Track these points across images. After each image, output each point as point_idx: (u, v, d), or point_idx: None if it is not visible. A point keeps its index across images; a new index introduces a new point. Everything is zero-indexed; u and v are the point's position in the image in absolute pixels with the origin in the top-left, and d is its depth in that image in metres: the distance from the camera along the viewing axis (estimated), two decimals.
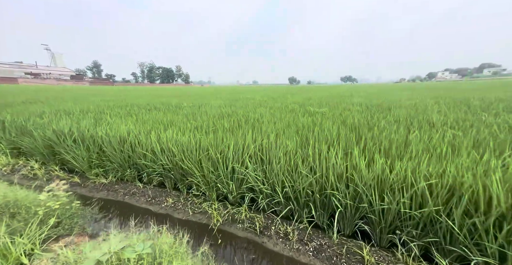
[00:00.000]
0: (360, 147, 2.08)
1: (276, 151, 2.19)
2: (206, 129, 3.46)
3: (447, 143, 1.98)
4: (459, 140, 2.05)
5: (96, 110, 5.61)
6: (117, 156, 2.89)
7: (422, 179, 1.30)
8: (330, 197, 1.69)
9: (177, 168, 2.64)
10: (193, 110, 5.74)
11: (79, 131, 3.29)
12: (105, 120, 4.14)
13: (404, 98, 7.86)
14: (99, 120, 4.18)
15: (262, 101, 8.51)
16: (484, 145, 1.92)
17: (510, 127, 2.58)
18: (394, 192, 1.37)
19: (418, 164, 1.50)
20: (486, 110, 4.17)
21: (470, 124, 2.87)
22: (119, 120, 4.11)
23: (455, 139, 2.15)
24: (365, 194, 1.47)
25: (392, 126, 2.84)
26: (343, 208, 1.60)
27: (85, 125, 3.57)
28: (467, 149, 1.82)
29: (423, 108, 4.57)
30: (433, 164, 1.44)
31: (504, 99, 6.22)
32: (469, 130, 2.44)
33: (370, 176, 1.53)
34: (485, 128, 2.54)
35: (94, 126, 3.55)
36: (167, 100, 8.99)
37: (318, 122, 3.51)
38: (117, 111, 5.41)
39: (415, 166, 1.46)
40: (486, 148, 1.87)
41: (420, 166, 1.44)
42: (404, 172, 1.42)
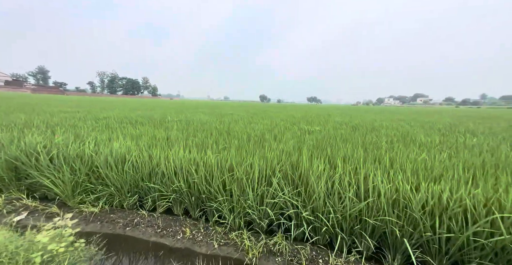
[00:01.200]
0: (391, 169, 2.17)
1: (312, 172, 2.13)
2: (212, 146, 3.23)
3: (461, 164, 2.22)
4: (467, 161, 2.34)
5: (64, 124, 4.78)
6: (116, 178, 2.43)
7: (481, 205, 1.37)
8: (379, 224, 1.65)
9: (194, 192, 2.34)
10: (183, 125, 5.37)
11: (58, 149, 2.71)
12: (86, 135, 3.54)
13: (377, 119, 8.82)
14: (78, 135, 3.55)
15: (247, 117, 8.52)
16: (501, 167, 2.17)
17: (491, 148, 3.09)
18: (457, 219, 1.40)
19: (459, 187, 1.62)
20: (454, 132, 4.94)
21: (455, 146, 3.33)
22: (102, 135, 3.55)
23: (459, 160, 2.42)
24: (422, 220, 1.47)
25: (397, 147, 3.10)
26: (397, 236, 1.57)
27: (63, 142, 2.97)
28: (488, 171, 2.03)
29: (405, 130, 5.16)
30: (479, 187, 1.57)
31: (455, 123, 7.50)
32: (461, 152, 2.82)
33: (418, 200, 1.56)
34: (474, 150, 2.97)
35: (76, 142, 2.98)
36: (145, 114, 8.29)
37: (326, 141, 3.61)
38: (93, 125, 4.70)
39: (460, 190, 1.56)
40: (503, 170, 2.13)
41: (466, 190, 1.54)
42: (459, 196, 1.49)
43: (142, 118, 6.33)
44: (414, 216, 1.49)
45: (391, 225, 1.56)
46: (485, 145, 3.31)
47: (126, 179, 2.45)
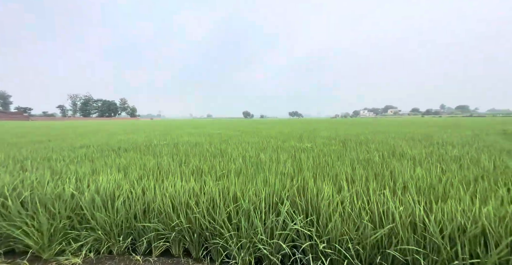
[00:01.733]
0: (396, 188, 2.20)
1: (322, 197, 2.07)
2: (209, 172, 3.07)
3: (456, 179, 2.33)
4: (460, 175, 2.47)
5: (36, 157, 4.27)
6: (105, 219, 2.14)
7: (497, 224, 1.39)
8: (398, 254, 1.60)
9: (196, 228, 2.12)
10: (172, 149, 5.12)
11: (32, 190, 2.36)
12: (64, 169, 3.17)
13: (359, 132, 9.26)
14: (54, 170, 3.17)
15: (236, 136, 8.44)
16: (493, 179, 2.31)
17: (472, 158, 3.33)
18: (478, 242, 1.40)
19: (468, 205, 1.66)
20: (433, 144, 5.31)
21: (442, 158, 3.54)
22: (83, 168, 3.21)
23: (454, 175, 2.55)
24: (443, 246, 1.45)
25: (391, 162, 3.20)
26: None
27: (36, 180, 2.61)
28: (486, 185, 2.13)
29: (390, 143, 5.44)
30: (489, 204, 1.62)
31: (429, 134, 8.11)
32: (450, 165, 3.00)
33: (437, 223, 1.56)
34: (461, 162, 3.17)
35: (54, 180, 2.64)
36: (128, 138, 7.83)
37: (322, 159, 3.63)
38: (70, 156, 4.26)
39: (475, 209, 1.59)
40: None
41: (476, 208, 1.57)
42: (473, 215, 1.52)
43: (125, 144, 5.94)
44: (434, 242, 1.47)
45: (414, 253, 1.51)
46: (467, 156, 3.57)
47: (116, 220, 2.17)
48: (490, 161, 3.13)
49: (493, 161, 3.11)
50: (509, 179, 2.37)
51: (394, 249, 1.59)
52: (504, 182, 2.28)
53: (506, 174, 2.58)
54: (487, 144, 5.15)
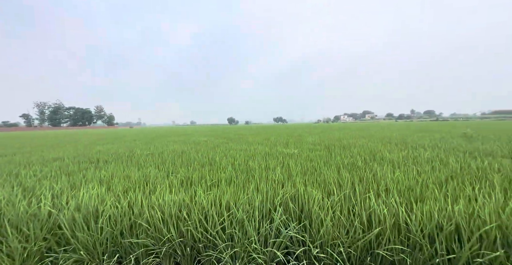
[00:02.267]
0: (379, 191, 2.35)
1: (313, 203, 2.14)
2: (199, 182, 3.03)
3: (430, 180, 2.56)
4: (433, 176, 2.71)
5: (1, 173, 3.86)
6: (87, 238, 1.99)
7: (468, 221, 1.57)
8: (386, 253, 1.71)
9: (188, 241, 2.07)
10: (157, 159, 4.94)
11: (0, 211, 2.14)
12: (38, 186, 2.91)
13: (342, 137, 9.71)
14: (25, 187, 2.90)
15: (223, 144, 8.38)
16: (461, 179, 2.57)
17: (442, 160, 3.68)
18: (453, 239, 1.54)
19: (442, 205, 1.84)
20: (407, 147, 5.75)
21: (417, 160, 3.86)
22: (59, 183, 2.98)
23: (428, 176, 2.79)
24: (424, 244, 1.57)
25: (373, 166, 3.42)
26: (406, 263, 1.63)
27: (4, 199, 2.37)
28: (455, 185, 2.38)
29: (370, 147, 5.78)
30: (459, 203, 1.81)
31: (403, 138, 8.76)
32: (425, 166, 3.28)
33: (417, 223, 1.70)
34: (433, 164, 3.48)
35: (26, 198, 2.42)
36: (107, 149, 7.39)
37: (310, 165, 3.76)
38: (43, 171, 3.92)
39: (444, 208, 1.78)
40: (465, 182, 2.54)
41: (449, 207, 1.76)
42: (448, 214, 1.68)
43: (105, 155, 5.60)
44: (417, 240, 1.60)
45: (399, 253, 1.62)
46: (437, 158, 3.94)
47: (100, 238, 2.03)
48: (457, 162, 3.48)
49: (459, 162, 3.46)
50: (473, 178, 2.66)
51: (382, 249, 1.69)
52: (469, 181, 2.56)
53: (470, 174, 2.89)
54: (452, 146, 5.71)
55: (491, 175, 2.79)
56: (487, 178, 2.73)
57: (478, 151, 4.71)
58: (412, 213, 1.79)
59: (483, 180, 2.64)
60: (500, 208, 1.72)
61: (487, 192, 2.23)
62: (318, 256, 1.86)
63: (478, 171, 3.06)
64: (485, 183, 2.53)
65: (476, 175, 2.85)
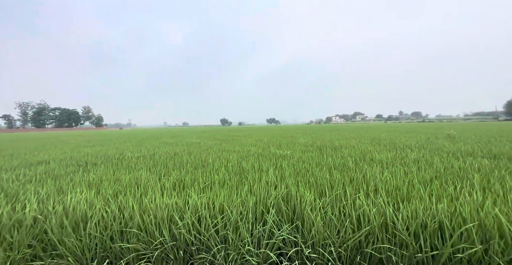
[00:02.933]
0: (368, 191, 2.43)
1: (305, 204, 2.19)
2: (192, 185, 3.01)
3: (416, 180, 2.67)
4: (419, 176, 2.83)
5: None
6: (75, 244, 1.94)
7: (450, 219, 1.66)
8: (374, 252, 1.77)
9: (180, 244, 2.05)
10: (148, 162, 4.86)
11: None
12: (22, 191, 2.79)
13: (333, 138, 9.90)
14: (7, 192, 2.77)
15: (216, 145, 8.34)
16: (444, 179, 2.70)
17: (427, 161, 3.84)
18: (436, 236, 1.63)
19: (426, 204, 1.94)
20: (395, 148, 5.95)
21: (404, 161, 4.01)
22: (44, 188, 2.87)
23: (413, 176, 2.91)
24: (410, 242, 1.65)
25: (363, 166, 3.52)
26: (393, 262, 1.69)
27: None
28: (439, 185, 2.49)
29: (361, 148, 5.93)
30: (443, 202, 1.90)
31: (392, 139, 9.04)
32: (411, 167, 3.42)
33: (403, 222, 1.78)
34: (419, 164, 3.63)
35: (9, 204, 2.32)
36: (96, 151, 7.18)
37: (302, 166, 3.82)
38: (27, 175, 3.76)
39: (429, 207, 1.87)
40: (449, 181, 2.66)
41: (433, 206, 1.85)
42: (431, 213, 1.77)
43: (94, 158, 5.44)
44: (403, 238, 1.67)
45: (387, 251, 1.69)
46: (423, 158, 4.11)
47: (89, 243, 1.98)
48: (441, 162, 3.65)
49: (443, 162, 3.63)
50: (455, 178, 2.80)
51: (371, 248, 1.76)
52: (452, 180, 2.69)
53: (453, 173, 3.04)
54: (437, 146, 5.96)
55: (471, 175, 2.95)
56: (468, 177, 2.88)
57: (461, 152, 4.95)
58: (399, 212, 1.86)
59: (464, 180, 2.78)
60: (479, 206, 1.82)
61: (467, 191, 2.36)
62: (310, 256, 1.90)
63: (460, 170, 3.23)
64: (466, 182, 2.67)
65: (458, 175, 3.00)
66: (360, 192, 2.37)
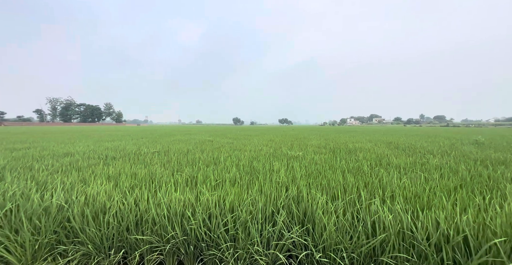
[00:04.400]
0: (385, 197, 2.32)
1: (317, 207, 2.14)
2: (204, 181, 3.06)
3: (438, 188, 2.50)
4: (441, 183, 2.65)
5: (16, 166, 4.02)
6: (95, 232, 2.05)
7: (476, 232, 1.53)
8: (391, 261, 1.68)
9: (191, 240, 2.10)
10: (163, 158, 5.02)
11: (15, 202, 2.23)
12: (50, 180, 3.01)
13: (348, 141, 9.59)
14: (38, 181, 3.01)
15: (228, 144, 8.43)
16: (470, 188, 2.51)
17: (451, 168, 3.59)
18: (461, 249, 1.51)
19: (451, 214, 1.81)
20: (415, 153, 5.63)
21: (425, 167, 3.78)
22: (70, 178, 3.08)
23: (436, 183, 2.73)
24: (430, 254, 1.54)
25: (379, 171, 3.37)
26: None
27: (18, 190, 2.47)
28: (464, 194, 2.32)
29: (377, 152, 5.69)
30: (468, 213, 1.77)
31: (411, 143, 8.57)
32: (433, 173, 3.21)
33: (423, 231, 1.67)
34: (442, 171, 3.40)
35: (39, 191, 2.51)
36: (115, 145, 7.56)
37: (314, 168, 3.74)
38: (54, 165, 4.05)
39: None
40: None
41: (457, 216, 1.72)
42: (455, 224, 1.65)
43: (113, 152, 5.74)
44: (422, 250, 1.57)
45: (406, 262, 1.60)
46: (446, 165, 3.84)
47: (107, 233, 2.09)
48: (467, 170, 3.39)
49: (469, 170, 3.36)
50: (483, 187, 2.59)
51: (387, 256, 1.67)
52: (479, 190, 2.48)
53: (481, 183, 2.81)
54: (463, 153, 5.55)
55: (503, 185, 2.70)
56: (499, 187, 2.65)
57: (490, 159, 4.56)
58: (418, 221, 1.76)
59: (494, 190, 2.56)
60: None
61: (498, 202, 2.17)
62: (321, 261, 1.86)
63: (490, 180, 2.97)
64: (496, 193, 2.45)
65: (487, 184, 2.77)
66: (376, 198, 2.27)
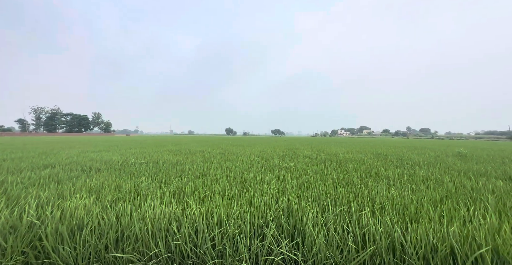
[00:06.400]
0: (374, 209, 2.32)
1: (307, 219, 2.10)
2: (192, 193, 2.96)
3: (425, 199, 2.54)
4: (428, 195, 2.70)
5: None
6: (69, 252, 1.89)
7: (463, 243, 1.54)
8: None
9: (176, 257, 1.97)
10: (150, 169, 4.85)
11: None
12: (24, 194, 2.81)
13: (338, 152, 9.72)
14: (9, 196, 2.79)
15: (219, 154, 8.31)
16: (455, 200, 2.57)
17: (437, 179, 3.68)
18: (448, 262, 1.51)
19: (436, 225, 1.82)
20: (403, 164, 5.77)
21: (412, 179, 3.85)
22: (46, 192, 2.88)
23: (422, 195, 2.78)
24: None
25: (368, 182, 3.39)
26: None
27: None
28: (450, 205, 2.37)
29: (366, 163, 5.78)
30: (454, 224, 1.78)
31: (399, 154, 8.81)
32: (420, 185, 3.27)
33: (412, 244, 1.66)
34: (428, 183, 3.48)
35: (9, 207, 2.33)
36: (101, 156, 7.26)
37: (305, 179, 3.72)
38: (32, 178, 3.79)
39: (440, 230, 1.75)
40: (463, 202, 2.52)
41: (443, 228, 1.73)
42: (442, 236, 1.65)
43: (98, 163, 5.49)
44: (412, 263, 1.55)
45: None
46: (432, 176, 3.94)
47: (83, 252, 1.93)
48: (452, 181, 3.48)
49: (454, 181, 3.46)
50: (467, 199, 2.65)
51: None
52: (464, 202, 2.54)
53: (465, 194, 2.88)
54: (447, 165, 5.74)
55: (485, 196, 2.78)
56: (481, 199, 2.73)
57: (473, 171, 4.74)
58: (408, 233, 1.75)
59: (477, 201, 2.63)
60: (495, 231, 1.70)
61: (481, 213, 2.22)
62: None
63: (473, 191, 3.06)
64: (479, 204, 2.52)
65: (471, 196, 2.84)
66: (366, 209, 2.27)
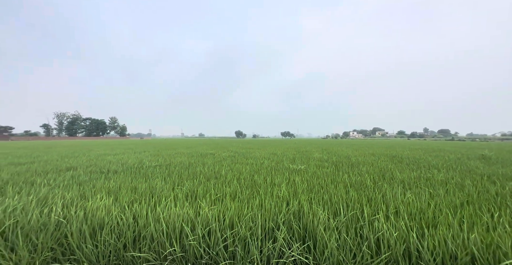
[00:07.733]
0: (388, 213, 2.25)
1: (318, 223, 2.08)
2: (204, 196, 3.03)
3: (444, 204, 2.43)
4: (447, 200, 2.58)
5: (17, 181, 4.03)
6: (91, 249, 2.01)
7: (486, 252, 1.46)
8: None
9: (189, 257, 2.03)
10: (164, 171, 5.01)
11: (14, 219, 2.23)
12: (50, 195, 3.02)
13: (350, 154, 9.50)
14: (38, 195, 3.01)
15: (230, 157, 8.40)
16: (477, 205, 2.43)
17: (457, 183, 3.50)
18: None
19: (457, 232, 1.74)
20: (419, 167, 5.53)
21: (430, 182, 3.69)
22: (70, 193, 3.07)
23: (441, 200, 2.66)
24: None
25: (382, 185, 3.30)
26: None
27: (19, 206, 2.47)
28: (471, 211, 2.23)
29: (380, 166, 5.61)
30: (475, 231, 1.70)
31: (415, 157, 8.45)
32: (438, 189, 3.13)
33: (430, 251, 1.60)
34: (447, 186, 3.32)
35: (39, 207, 2.51)
36: (118, 159, 7.60)
37: (316, 182, 3.68)
38: (56, 180, 4.06)
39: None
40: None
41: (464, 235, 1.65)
42: (462, 243, 1.58)
43: (115, 166, 5.76)
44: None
45: None
46: (452, 180, 3.76)
47: (104, 250, 2.04)
48: (473, 186, 3.30)
49: (476, 186, 3.28)
50: (491, 204, 2.50)
51: None
52: (487, 207, 2.40)
53: (488, 199, 2.72)
54: (469, 168, 5.43)
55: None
56: (507, 205, 2.56)
57: (498, 175, 4.45)
58: (424, 239, 1.69)
59: (503, 207, 2.47)
60: None
61: (507, 220, 2.09)
62: None
63: (498, 196, 2.88)
64: (505, 210, 2.37)
65: (495, 201, 2.68)
66: (379, 214, 2.21)
